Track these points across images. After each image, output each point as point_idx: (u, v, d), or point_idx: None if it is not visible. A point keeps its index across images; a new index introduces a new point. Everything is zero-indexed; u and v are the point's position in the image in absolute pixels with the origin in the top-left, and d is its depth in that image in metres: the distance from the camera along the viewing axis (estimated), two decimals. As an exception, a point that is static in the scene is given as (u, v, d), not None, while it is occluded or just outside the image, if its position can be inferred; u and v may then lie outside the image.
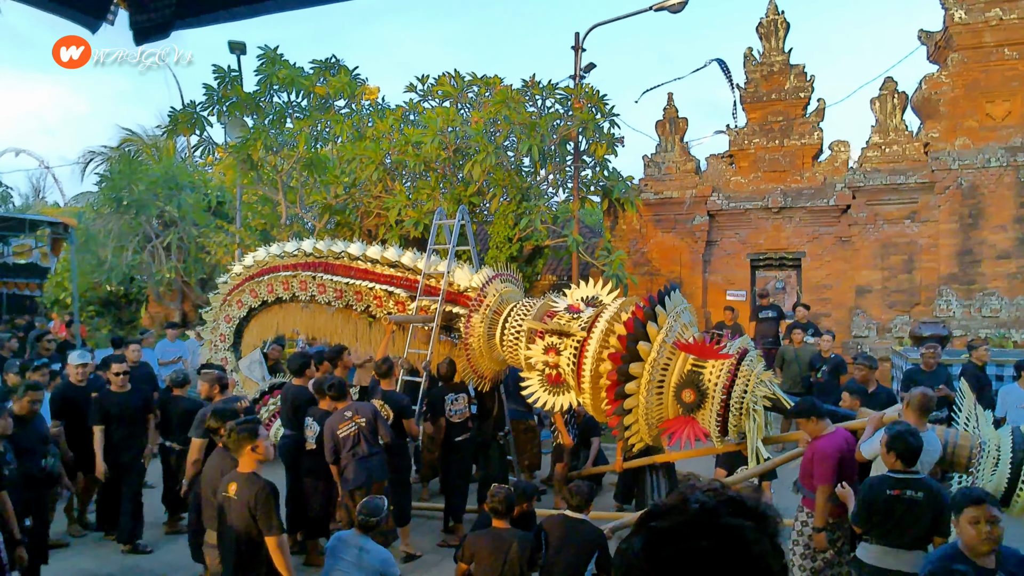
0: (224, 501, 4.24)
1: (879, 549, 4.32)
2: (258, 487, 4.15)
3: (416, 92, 13.30)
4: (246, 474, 4.25)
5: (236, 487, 4.20)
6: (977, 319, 12.02)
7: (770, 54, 13.70)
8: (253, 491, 4.12)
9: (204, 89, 12.21)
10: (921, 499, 4.22)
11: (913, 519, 4.23)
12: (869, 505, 4.32)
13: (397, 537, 6.38)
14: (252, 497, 4.11)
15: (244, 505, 4.13)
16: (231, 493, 4.20)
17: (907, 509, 4.23)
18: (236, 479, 4.25)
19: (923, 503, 4.22)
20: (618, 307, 6.25)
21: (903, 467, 4.32)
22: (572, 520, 4.68)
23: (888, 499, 4.25)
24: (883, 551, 4.30)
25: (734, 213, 13.75)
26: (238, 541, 4.15)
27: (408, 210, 11.78)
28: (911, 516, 4.23)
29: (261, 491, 4.12)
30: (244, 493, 4.15)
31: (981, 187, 12.15)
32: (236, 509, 4.16)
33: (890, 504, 4.25)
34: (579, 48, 12.52)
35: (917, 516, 4.23)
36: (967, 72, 12.27)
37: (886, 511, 4.26)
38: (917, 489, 4.26)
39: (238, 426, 4.33)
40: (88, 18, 2.42)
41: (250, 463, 4.27)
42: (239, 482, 4.22)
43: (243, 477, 4.23)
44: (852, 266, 13.10)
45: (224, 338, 9.30)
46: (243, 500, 4.14)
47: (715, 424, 5.63)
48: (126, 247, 16.44)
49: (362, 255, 7.95)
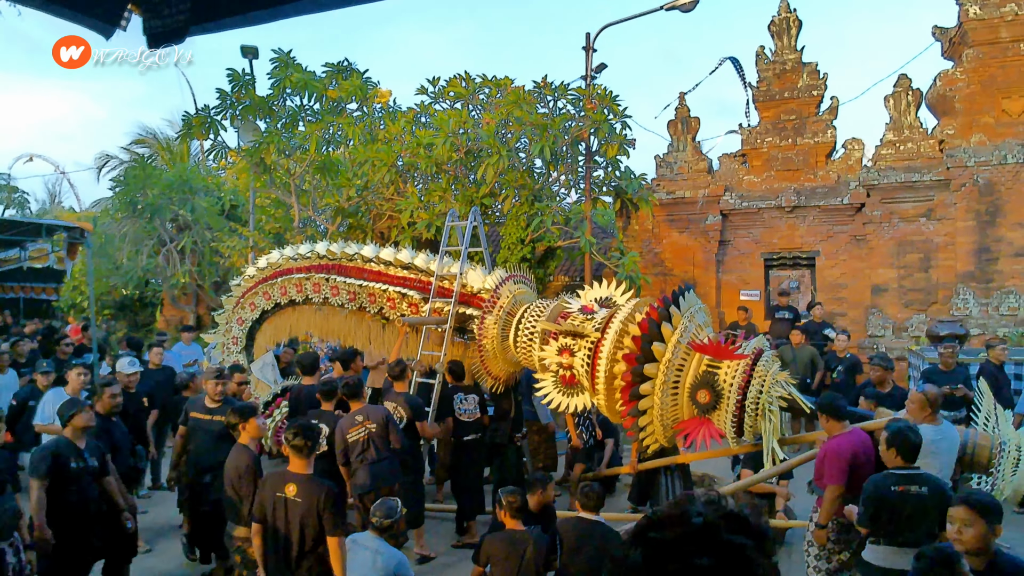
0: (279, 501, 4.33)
1: (887, 550, 4.27)
2: (326, 489, 4.29)
3: (427, 94, 13.32)
4: (306, 475, 4.32)
5: (296, 488, 4.28)
6: (995, 317, 11.89)
7: (782, 52, 13.63)
8: (321, 492, 4.24)
9: (217, 93, 12.28)
10: (926, 494, 4.21)
11: (921, 515, 4.20)
12: (875, 504, 4.28)
13: (408, 539, 6.37)
14: (321, 499, 4.23)
15: (311, 506, 4.23)
16: (291, 494, 4.27)
17: (913, 505, 4.20)
18: (294, 480, 4.31)
19: (928, 497, 4.20)
20: (632, 308, 6.22)
21: (904, 463, 4.31)
22: (587, 522, 4.65)
23: (894, 496, 4.22)
24: (891, 551, 4.25)
25: (747, 212, 13.67)
26: (302, 540, 4.26)
27: (420, 212, 11.79)
28: (918, 512, 4.20)
29: (329, 493, 4.26)
30: (309, 494, 4.23)
31: (998, 184, 12.02)
32: (298, 509, 4.26)
33: (896, 501, 4.21)
34: (590, 48, 12.50)
35: (924, 512, 4.20)
36: (983, 68, 12.15)
37: (893, 509, 4.22)
38: (921, 484, 4.25)
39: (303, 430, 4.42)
40: (102, 24, 2.43)
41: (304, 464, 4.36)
42: (299, 483, 4.28)
43: (303, 478, 4.33)
44: (867, 265, 12.99)
45: (236, 341, 9.34)
46: (308, 501, 4.24)
47: (730, 425, 5.59)
48: (141, 251, 16.56)
49: (375, 257, 7.96)
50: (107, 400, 5.80)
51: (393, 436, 6.13)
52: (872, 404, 6.39)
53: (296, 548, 4.26)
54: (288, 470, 4.38)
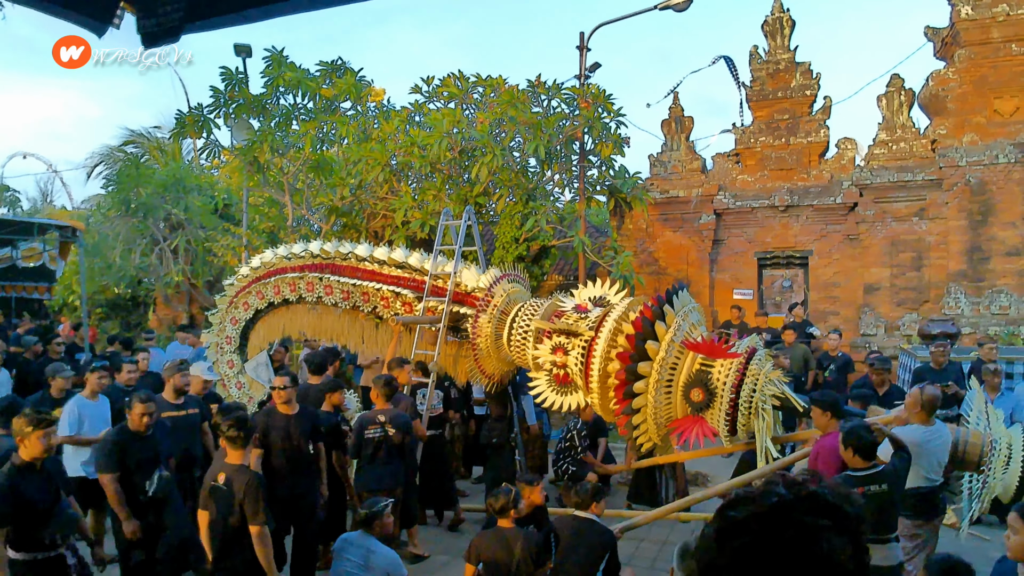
0: (212, 489, 4.34)
1: None
2: (247, 478, 4.26)
3: (421, 93, 13.31)
4: (237, 465, 4.32)
5: (225, 477, 4.29)
6: (986, 316, 11.95)
7: (776, 52, 13.66)
8: (243, 481, 4.22)
9: (211, 92, 12.25)
10: (886, 490, 4.29)
11: (885, 512, 4.28)
12: None
13: (402, 541, 6.37)
14: (242, 487, 4.22)
15: (235, 494, 4.24)
16: (220, 482, 4.29)
17: (876, 504, 4.26)
18: (225, 469, 4.33)
19: (889, 491, 4.29)
20: (626, 306, 6.23)
21: (862, 462, 4.38)
22: (581, 520, 4.66)
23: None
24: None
25: (741, 212, 13.71)
26: (226, 527, 4.28)
27: (414, 211, 11.78)
28: (882, 510, 4.27)
29: (250, 482, 4.25)
30: (235, 483, 4.23)
31: (990, 183, 12.08)
32: (225, 497, 4.27)
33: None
34: (584, 48, 12.50)
35: (888, 508, 4.29)
36: (975, 68, 12.21)
37: None
38: (880, 482, 4.32)
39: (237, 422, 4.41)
40: (94, 22, 2.42)
41: (240, 455, 4.36)
42: (228, 472, 4.29)
43: (234, 468, 4.30)
44: (860, 264, 13.04)
45: (230, 340, 9.31)
46: (233, 489, 4.24)
47: (724, 423, 5.61)
48: (134, 250, 16.50)
49: (369, 256, 7.95)
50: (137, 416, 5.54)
51: (407, 446, 6.20)
52: (859, 404, 6.42)
53: (225, 536, 4.29)
54: (224, 460, 4.39)
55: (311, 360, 7.39)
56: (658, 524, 6.59)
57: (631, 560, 6.12)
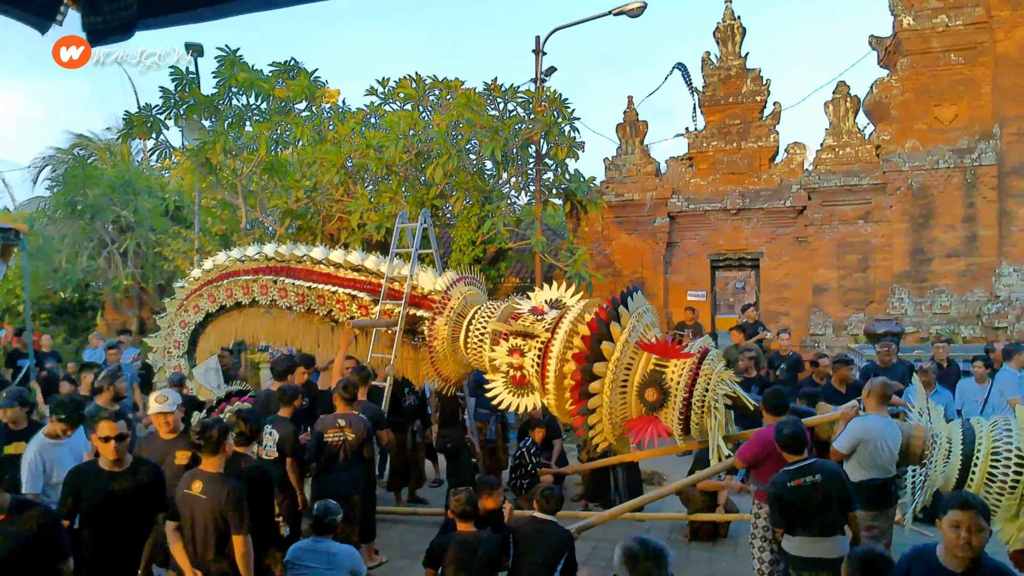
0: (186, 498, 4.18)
1: (799, 539, 4.48)
2: (229, 488, 4.14)
3: (377, 95, 13.23)
4: (213, 473, 4.20)
5: (202, 486, 4.16)
6: (928, 316, 12.37)
7: (727, 58, 13.95)
8: (224, 491, 4.11)
9: (161, 92, 11.98)
10: (820, 480, 4.44)
11: (821, 502, 4.42)
12: (778, 504, 4.50)
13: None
14: (223, 497, 4.09)
15: (215, 504, 4.10)
16: (196, 491, 4.15)
17: (812, 494, 4.41)
18: (201, 477, 4.19)
19: (823, 483, 4.43)
20: (582, 308, 6.29)
21: (792, 456, 4.57)
22: (541, 521, 4.69)
23: (791, 492, 4.45)
24: (803, 540, 4.46)
25: (694, 214, 13.95)
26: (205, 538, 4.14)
27: (370, 214, 11.70)
28: (818, 500, 4.41)
29: (232, 492, 4.12)
30: (214, 493, 4.12)
31: (931, 188, 12.52)
32: (203, 507, 4.12)
33: (795, 496, 4.44)
34: (540, 52, 12.59)
35: (824, 498, 4.42)
36: (916, 76, 12.64)
37: (794, 503, 4.44)
38: (814, 472, 4.48)
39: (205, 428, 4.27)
40: (36, 19, 2.37)
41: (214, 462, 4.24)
42: (205, 481, 4.17)
43: (210, 476, 4.19)
44: (809, 265, 13.38)
45: (178, 344, 9.13)
46: (212, 499, 4.11)
47: (678, 422, 5.70)
48: (81, 253, 16.03)
49: (324, 259, 7.87)
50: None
51: (367, 450, 6.11)
52: (806, 402, 6.59)
53: (202, 546, 4.15)
54: (199, 468, 4.28)
55: (276, 366, 7.26)
56: (614, 523, 6.67)
57: (587, 560, 6.18)
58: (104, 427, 4.11)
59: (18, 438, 5.10)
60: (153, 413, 4.94)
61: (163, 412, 4.91)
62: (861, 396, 5.57)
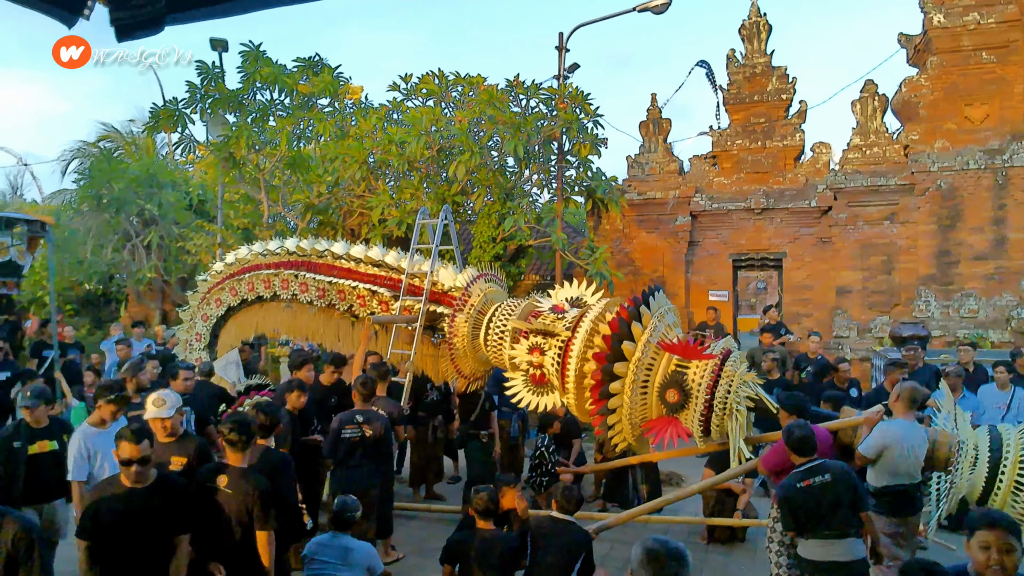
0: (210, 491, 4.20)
1: (813, 543, 4.41)
2: (255, 482, 4.17)
3: (399, 91, 13.24)
4: (240, 468, 4.23)
5: (228, 480, 4.18)
6: (955, 319, 12.17)
7: (752, 56, 13.79)
8: (251, 487, 4.13)
9: (187, 86, 12.08)
10: (830, 480, 4.38)
11: (833, 502, 4.34)
12: (789, 506, 4.43)
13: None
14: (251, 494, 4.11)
15: (242, 499, 4.12)
16: (222, 485, 4.18)
17: (822, 494, 4.35)
18: (227, 472, 4.22)
19: (834, 482, 4.37)
20: (603, 307, 6.25)
21: (799, 458, 4.53)
22: (559, 521, 4.66)
23: (801, 493, 4.38)
24: (817, 544, 4.39)
25: (717, 214, 13.82)
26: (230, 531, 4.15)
27: (391, 209, 11.72)
28: (830, 500, 4.34)
29: (261, 488, 4.15)
30: (241, 488, 4.14)
31: (960, 189, 12.30)
32: (229, 501, 4.14)
33: (805, 497, 4.37)
34: (563, 48, 12.53)
35: (836, 497, 4.35)
36: (946, 75, 12.42)
37: (804, 505, 4.37)
38: (823, 472, 4.42)
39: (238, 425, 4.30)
40: (64, 12, 2.38)
41: (240, 457, 4.26)
42: (232, 476, 4.19)
43: (237, 471, 4.21)
44: (832, 267, 13.21)
45: (200, 337, 9.20)
46: (239, 494, 4.13)
47: (698, 424, 5.65)
48: (105, 245, 16.23)
49: (345, 254, 7.90)
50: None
51: (384, 445, 6.10)
52: (830, 406, 6.50)
53: (227, 539, 4.16)
54: (224, 462, 4.30)
55: (292, 360, 7.30)
56: (631, 525, 6.62)
57: (604, 561, 6.14)
58: (125, 448, 3.78)
59: (41, 437, 5.08)
60: (151, 418, 4.63)
61: (160, 417, 4.64)
62: (888, 400, 5.48)
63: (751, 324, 13.48)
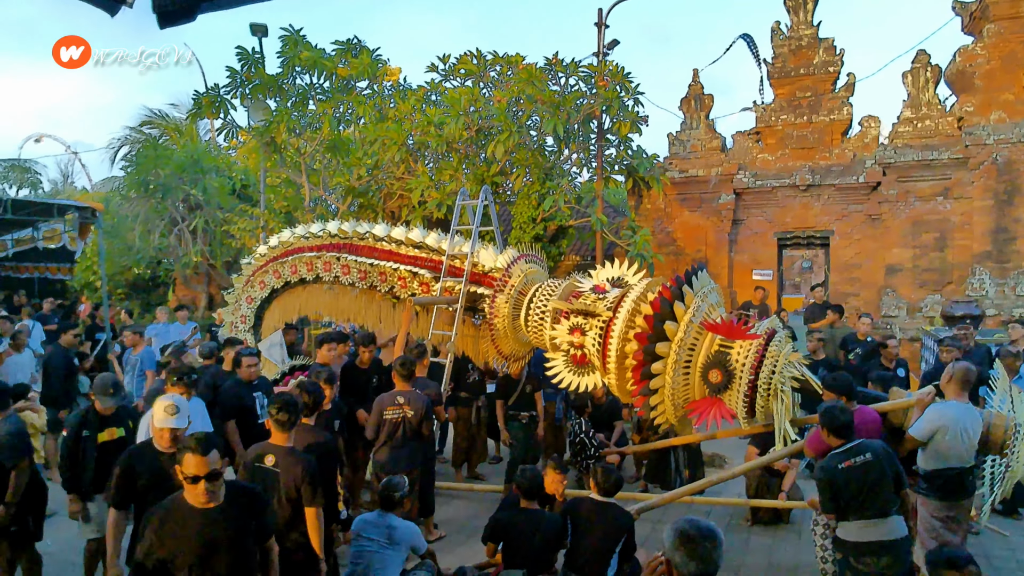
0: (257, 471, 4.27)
1: (854, 524, 4.32)
2: (304, 462, 4.23)
3: (438, 72, 13.21)
4: (286, 447, 4.30)
5: (275, 459, 4.25)
6: (1011, 298, 11.76)
7: (798, 28, 13.41)
8: (299, 466, 4.19)
9: (227, 72, 12.22)
10: (871, 459, 4.28)
11: (875, 481, 4.26)
12: (829, 488, 4.34)
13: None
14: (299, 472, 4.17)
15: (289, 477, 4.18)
16: (269, 464, 4.25)
17: (865, 474, 4.26)
18: (273, 451, 4.29)
19: (875, 462, 4.28)
20: (644, 287, 6.17)
21: (837, 440, 4.41)
22: (600, 503, 4.66)
23: (842, 474, 4.29)
24: (858, 525, 4.30)
25: (761, 191, 13.55)
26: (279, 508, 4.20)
27: (431, 191, 11.74)
28: (871, 479, 4.26)
29: (308, 466, 4.20)
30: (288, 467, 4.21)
31: (1017, 163, 11.84)
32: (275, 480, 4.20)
33: (847, 478, 4.27)
34: (602, 25, 12.34)
35: (877, 477, 4.26)
36: (1003, 44, 11.91)
37: (846, 486, 4.28)
38: (863, 452, 4.32)
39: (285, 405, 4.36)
40: (108, 2, 2.40)
41: (285, 437, 4.33)
42: (278, 455, 4.26)
43: (283, 450, 4.28)
44: (882, 244, 12.86)
45: (245, 319, 9.36)
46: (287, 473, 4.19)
47: (742, 405, 5.56)
48: (153, 231, 16.63)
49: (386, 236, 7.93)
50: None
51: (427, 426, 6.15)
52: (880, 387, 6.35)
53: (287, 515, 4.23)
54: (269, 442, 4.35)
55: (319, 340, 7.41)
56: (674, 506, 6.58)
57: (645, 542, 6.12)
58: (190, 463, 3.15)
59: (110, 424, 5.18)
60: (159, 428, 4.18)
61: (171, 428, 4.17)
62: (940, 381, 5.32)
63: (796, 304, 13.20)
